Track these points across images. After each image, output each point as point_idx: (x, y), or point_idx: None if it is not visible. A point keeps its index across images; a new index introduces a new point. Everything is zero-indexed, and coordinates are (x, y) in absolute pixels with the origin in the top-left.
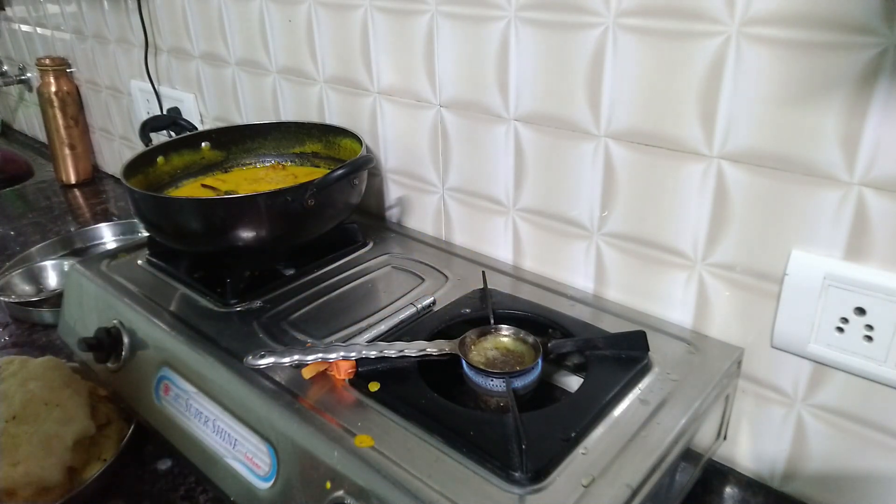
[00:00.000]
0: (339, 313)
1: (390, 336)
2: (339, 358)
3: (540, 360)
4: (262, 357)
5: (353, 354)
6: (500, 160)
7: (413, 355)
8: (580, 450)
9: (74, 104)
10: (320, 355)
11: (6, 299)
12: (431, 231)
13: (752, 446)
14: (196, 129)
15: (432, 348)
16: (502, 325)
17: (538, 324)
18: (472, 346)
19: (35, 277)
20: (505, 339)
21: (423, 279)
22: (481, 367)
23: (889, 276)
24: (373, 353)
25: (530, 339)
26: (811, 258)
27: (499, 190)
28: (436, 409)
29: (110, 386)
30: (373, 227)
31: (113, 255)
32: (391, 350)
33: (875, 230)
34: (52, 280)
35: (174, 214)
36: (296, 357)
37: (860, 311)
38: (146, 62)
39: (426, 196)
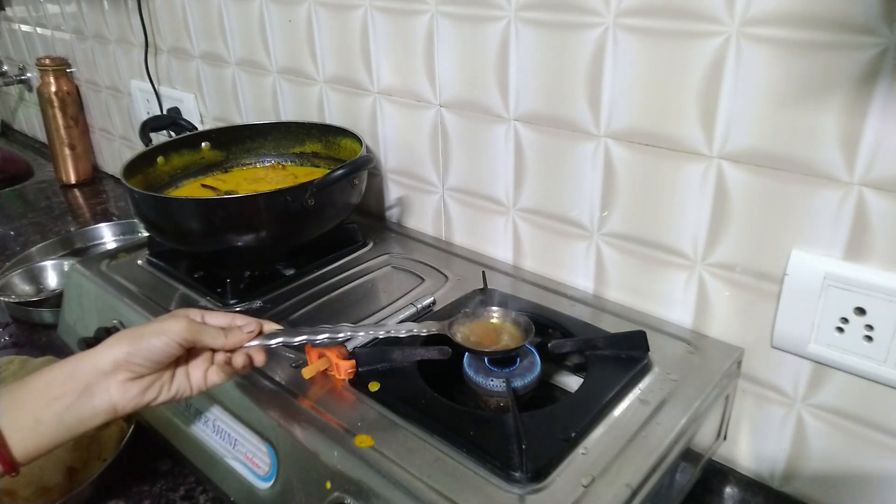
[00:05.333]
0: (339, 313)
1: (390, 336)
2: (325, 340)
3: (539, 361)
4: None
5: (339, 336)
6: (500, 160)
7: (401, 335)
8: (580, 450)
9: (74, 104)
10: (305, 337)
11: (6, 299)
12: (431, 231)
13: (752, 446)
14: (196, 129)
15: (421, 329)
16: (493, 308)
17: (538, 324)
18: (461, 327)
19: (35, 277)
20: (495, 321)
21: (423, 279)
22: (468, 346)
23: (889, 276)
24: (360, 334)
25: (521, 319)
26: (811, 258)
27: (499, 190)
28: (436, 409)
29: None
30: (373, 227)
31: (113, 255)
32: (378, 331)
33: (875, 230)
34: (52, 280)
35: (174, 214)
36: (281, 339)
37: (860, 311)
38: (146, 62)
39: (426, 196)
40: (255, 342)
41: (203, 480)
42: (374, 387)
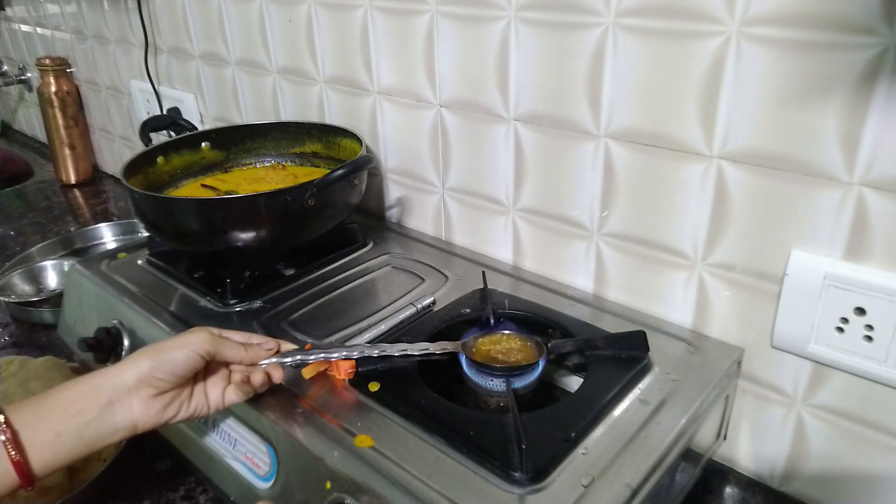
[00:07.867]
0: (339, 313)
1: (390, 336)
2: (340, 358)
3: (539, 361)
4: None
5: (355, 354)
6: (500, 160)
7: (416, 354)
8: (580, 450)
9: (74, 104)
10: (322, 355)
11: (6, 299)
12: (431, 231)
13: (752, 446)
14: (196, 129)
15: (435, 348)
16: (505, 326)
17: (538, 324)
18: (475, 346)
19: (35, 277)
20: (507, 340)
21: (423, 279)
22: (486, 364)
23: (889, 276)
24: (375, 353)
25: (534, 339)
26: (811, 258)
27: (499, 190)
28: (436, 409)
29: None
30: (373, 227)
31: (113, 255)
32: (393, 350)
33: (875, 230)
34: (52, 280)
35: (174, 214)
36: (298, 357)
37: (860, 311)
38: (146, 62)
39: (426, 196)
40: (273, 359)
41: (203, 480)
42: (374, 387)
